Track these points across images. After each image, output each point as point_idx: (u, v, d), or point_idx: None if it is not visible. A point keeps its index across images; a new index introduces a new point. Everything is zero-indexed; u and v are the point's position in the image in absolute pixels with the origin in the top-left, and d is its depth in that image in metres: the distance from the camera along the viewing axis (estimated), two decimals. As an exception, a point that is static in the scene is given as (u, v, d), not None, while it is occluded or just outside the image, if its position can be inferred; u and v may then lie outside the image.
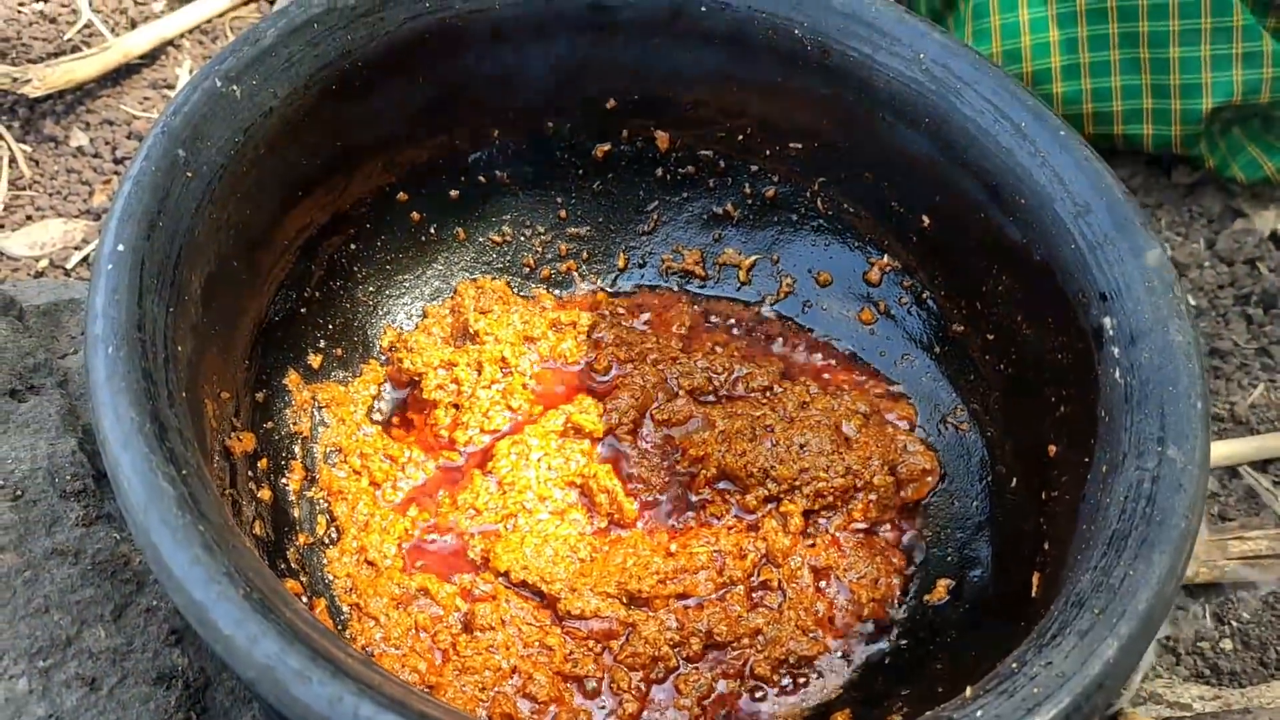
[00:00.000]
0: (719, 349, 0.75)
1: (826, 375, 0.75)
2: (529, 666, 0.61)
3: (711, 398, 0.73)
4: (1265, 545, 0.77)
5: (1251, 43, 0.90)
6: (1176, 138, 0.95)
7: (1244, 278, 0.96)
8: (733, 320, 0.78)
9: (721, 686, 0.62)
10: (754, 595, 0.65)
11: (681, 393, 0.72)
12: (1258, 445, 0.84)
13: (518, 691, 0.60)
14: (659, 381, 0.72)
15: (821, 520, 0.68)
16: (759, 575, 0.66)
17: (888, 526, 0.69)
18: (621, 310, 0.77)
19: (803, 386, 0.73)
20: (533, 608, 0.63)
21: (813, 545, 0.67)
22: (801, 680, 0.63)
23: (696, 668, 0.63)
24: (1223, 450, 0.84)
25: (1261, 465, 0.85)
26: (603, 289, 0.78)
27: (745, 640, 0.63)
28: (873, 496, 0.69)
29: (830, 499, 0.68)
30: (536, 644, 0.62)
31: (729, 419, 0.70)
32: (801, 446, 0.69)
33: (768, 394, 0.73)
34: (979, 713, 0.45)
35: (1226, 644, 0.76)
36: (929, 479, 0.70)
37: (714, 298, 0.79)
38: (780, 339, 0.77)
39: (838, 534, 0.68)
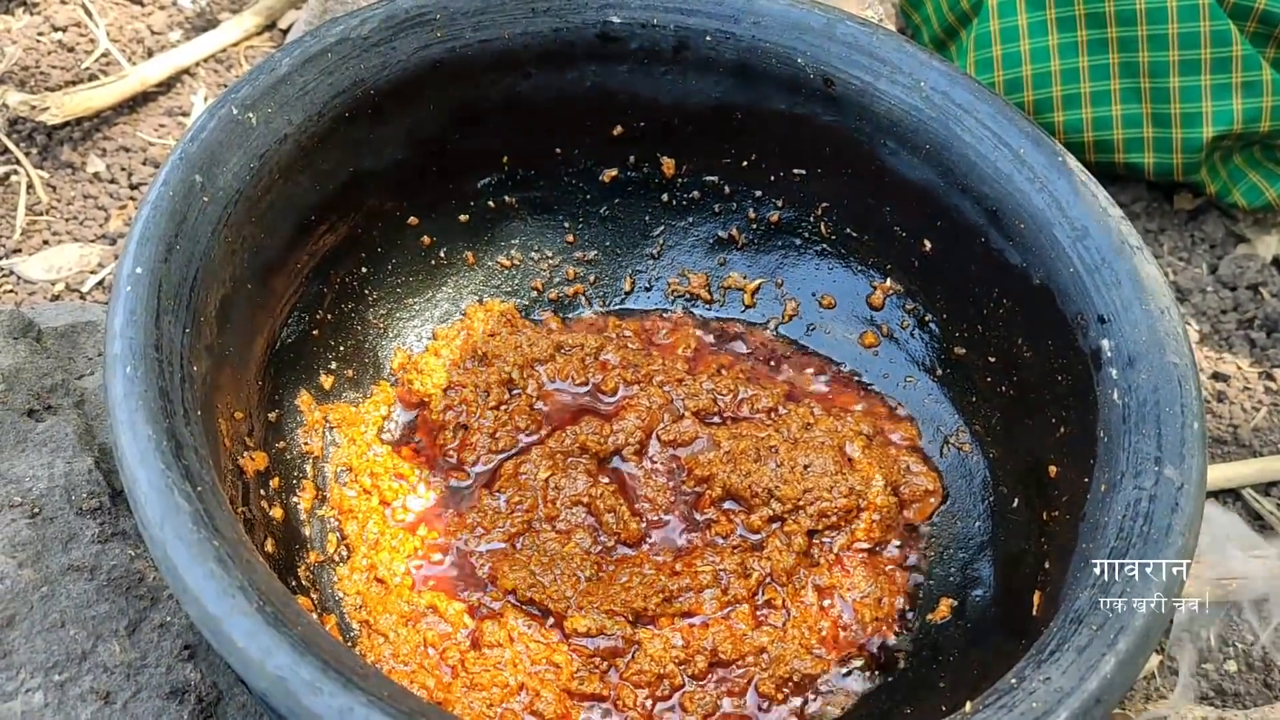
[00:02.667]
0: (724, 371, 0.76)
1: (830, 397, 0.76)
2: (536, 684, 0.61)
3: (717, 419, 0.74)
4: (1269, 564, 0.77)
5: (1251, 72, 0.91)
6: (1178, 166, 0.96)
7: (1247, 303, 0.97)
8: (738, 342, 0.79)
9: (727, 705, 0.63)
10: (758, 614, 0.66)
11: (687, 414, 0.73)
12: (1260, 468, 0.84)
13: (525, 709, 0.61)
14: (665, 403, 0.73)
15: (825, 540, 0.69)
16: (763, 594, 0.66)
17: (891, 546, 0.70)
18: (628, 333, 0.78)
19: (806, 408, 0.74)
20: (540, 626, 0.64)
21: (816, 565, 0.68)
22: (805, 698, 0.63)
23: (702, 685, 0.63)
24: (1225, 473, 0.84)
25: (1264, 488, 0.85)
26: (610, 312, 0.80)
27: (750, 658, 0.64)
28: (876, 517, 0.69)
29: (834, 519, 0.69)
30: (544, 661, 0.62)
31: (734, 440, 0.71)
32: (805, 467, 0.70)
33: (772, 415, 0.74)
34: (978, 727, 0.46)
35: (1230, 665, 0.76)
36: (932, 499, 0.71)
37: (720, 320, 0.80)
38: (784, 361, 0.78)
39: (841, 554, 0.68)
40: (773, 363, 0.78)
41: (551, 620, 0.64)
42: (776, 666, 0.63)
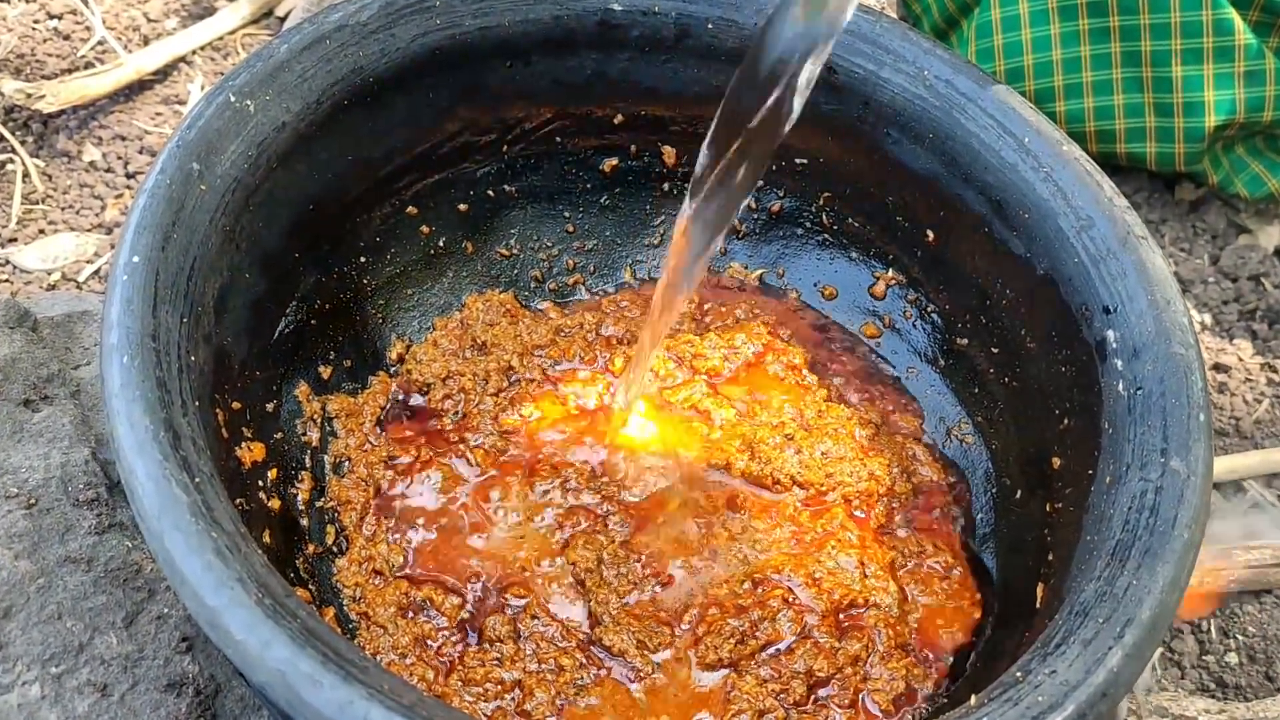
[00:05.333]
0: (737, 321, 0.76)
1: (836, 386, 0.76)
2: (532, 682, 0.61)
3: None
4: (1269, 555, 0.77)
5: (1253, 61, 0.90)
6: (1179, 156, 0.96)
7: (1248, 293, 0.96)
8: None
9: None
10: (840, 619, 0.64)
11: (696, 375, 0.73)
12: (1261, 459, 0.84)
13: (516, 707, 0.60)
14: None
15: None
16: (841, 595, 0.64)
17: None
18: (625, 303, 0.77)
19: (814, 395, 0.73)
20: (553, 622, 0.63)
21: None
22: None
23: (803, 710, 0.60)
24: (1227, 464, 0.84)
25: (1266, 479, 0.85)
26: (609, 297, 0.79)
27: (849, 670, 0.61)
28: (895, 504, 0.69)
29: (857, 503, 0.68)
30: (551, 660, 0.61)
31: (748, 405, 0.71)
32: (824, 454, 0.69)
33: (789, 378, 0.74)
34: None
35: (1232, 658, 0.76)
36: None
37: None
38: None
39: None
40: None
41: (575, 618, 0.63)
42: (885, 684, 0.61)
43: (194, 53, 1.03)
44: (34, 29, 1.02)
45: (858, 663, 0.62)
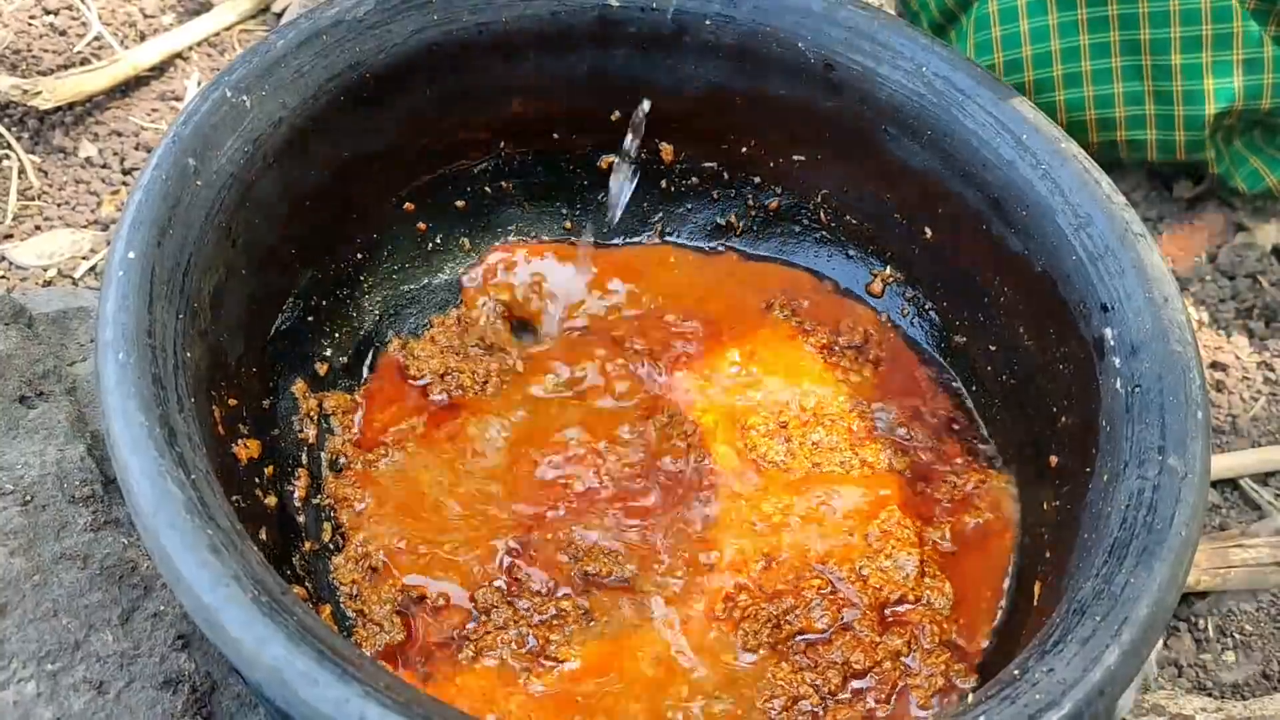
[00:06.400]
0: None
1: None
2: (545, 632, 0.61)
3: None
4: (1266, 553, 0.77)
5: (1252, 49, 0.90)
6: (1180, 144, 0.95)
7: (1245, 291, 0.96)
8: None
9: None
10: (885, 615, 0.63)
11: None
12: (1259, 458, 0.84)
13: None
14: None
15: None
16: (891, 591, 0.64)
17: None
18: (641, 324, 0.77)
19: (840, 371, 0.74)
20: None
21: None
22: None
23: (839, 700, 0.60)
24: (1224, 463, 0.84)
25: (1262, 478, 0.85)
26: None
27: (888, 664, 0.61)
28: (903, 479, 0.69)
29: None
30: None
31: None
32: (815, 444, 0.69)
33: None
34: (981, 718, 0.45)
35: (1229, 656, 0.76)
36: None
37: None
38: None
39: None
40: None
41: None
42: (932, 680, 0.61)
43: (191, 49, 1.03)
44: (30, 24, 1.02)
45: (898, 657, 0.61)
